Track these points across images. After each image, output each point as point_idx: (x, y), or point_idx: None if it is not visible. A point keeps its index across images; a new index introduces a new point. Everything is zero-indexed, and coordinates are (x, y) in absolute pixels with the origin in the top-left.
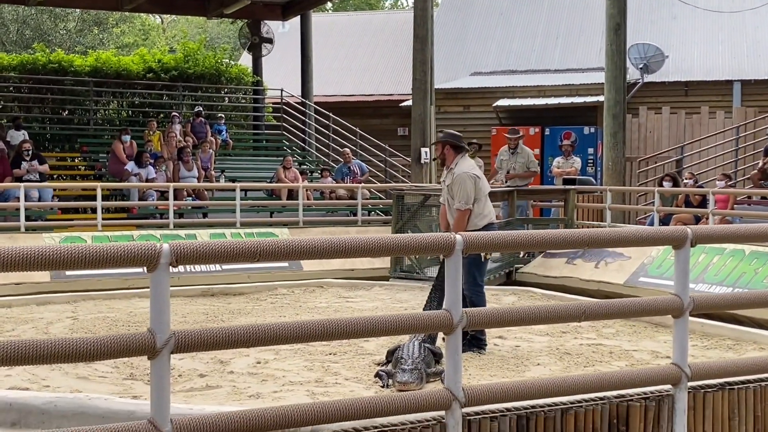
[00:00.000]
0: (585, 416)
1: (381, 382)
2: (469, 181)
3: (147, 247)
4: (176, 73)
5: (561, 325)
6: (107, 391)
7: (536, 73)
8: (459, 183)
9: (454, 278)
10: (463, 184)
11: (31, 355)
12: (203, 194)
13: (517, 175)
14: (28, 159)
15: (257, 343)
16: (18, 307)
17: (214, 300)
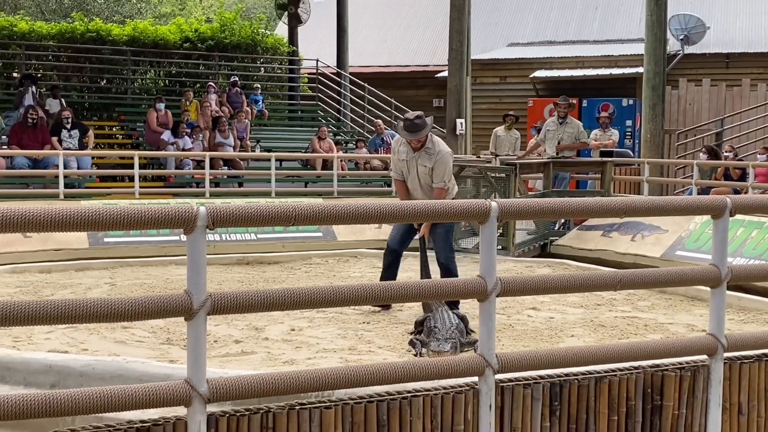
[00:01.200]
0: (619, 385)
1: (414, 350)
2: (450, 159)
3: (184, 209)
4: (212, 42)
5: (595, 297)
6: (144, 355)
7: (574, 44)
8: (444, 163)
9: (488, 244)
10: (447, 164)
11: (70, 315)
12: (239, 164)
13: (568, 146)
14: (68, 128)
15: (292, 307)
16: (57, 273)
17: (249, 268)
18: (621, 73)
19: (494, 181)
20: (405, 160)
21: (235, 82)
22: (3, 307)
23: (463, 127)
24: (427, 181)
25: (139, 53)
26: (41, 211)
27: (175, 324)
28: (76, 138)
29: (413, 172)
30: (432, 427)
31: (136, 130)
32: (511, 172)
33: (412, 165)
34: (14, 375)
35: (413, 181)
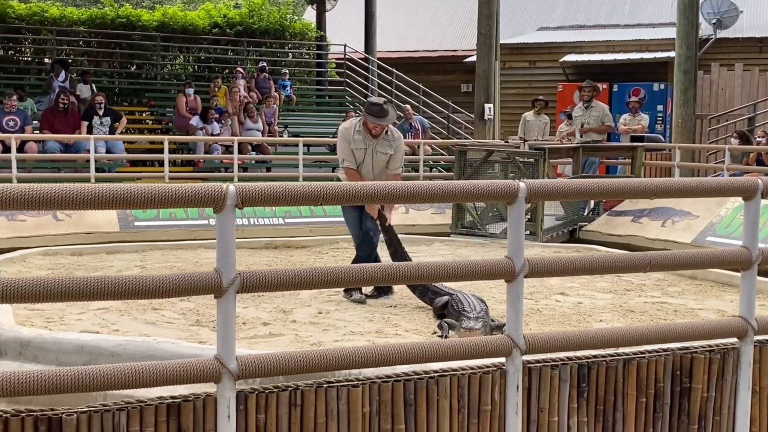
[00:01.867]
0: (648, 367)
1: (441, 332)
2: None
3: (214, 188)
4: (241, 28)
5: (625, 283)
6: (174, 336)
7: (605, 28)
8: (403, 149)
9: (516, 225)
10: (403, 149)
11: (103, 291)
12: (267, 149)
13: (592, 129)
14: (100, 114)
15: (320, 285)
16: (88, 256)
17: (276, 252)
18: (652, 57)
19: (522, 166)
20: (363, 148)
21: (263, 67)
22: (38, 283)
23: (492, 112)
24: (382, 167)
25: (169, 39)
26: (75, 189)
27: (204, 306)
28: (108, 125)
29: (368, 160)
30: (459, 407)
31: (166, 115)
32: (540, 157)
33: (369, 152)
34: (46, 355)
35: (367, 168)
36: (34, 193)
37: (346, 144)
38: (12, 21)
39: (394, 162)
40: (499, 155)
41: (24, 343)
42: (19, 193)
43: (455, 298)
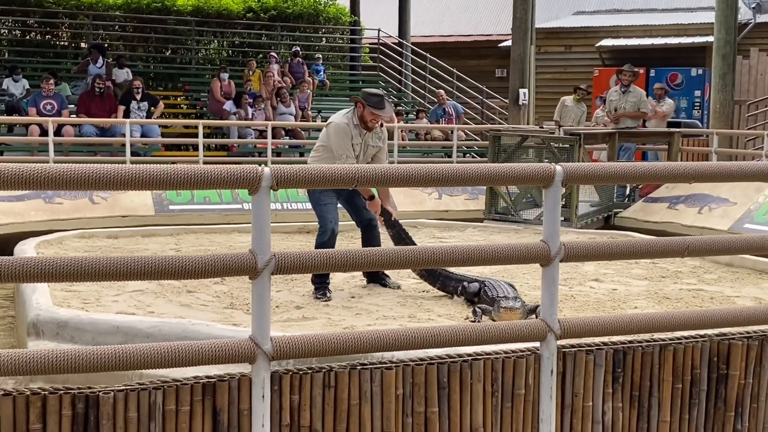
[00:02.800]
0: (684, 353)
1: (475, 318)
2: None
3: (249, 169)
4: (275, 12)
5: (660, 270)
6: (208, 318)
7: (642, 13)
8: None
9: (552, 209)
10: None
11: (141, 271)
12: (300, 133)
13: (626, 114)
14: (138, 98)
15: (355, 268)
16: (124, 239)
17: (309, 237)
18: (690, 42)
19: (557, 152)
20: (359, 142)
21: (296, 52)
22: (78, 262)
23: (526, 97)
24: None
25: (203, 23)
26: (113, 170)
27: (238, 289)
28: (145, 110)
29: (361, 154)
30: (492, 391)
31: (200, 99)
32: (575, 143)
33: (362, 146)
34: (83, 336)
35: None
36: (72, 173)
37: (347, 139)
38: (49, 5)
39: (381, 154)
40: (534, 140)
41: (61, 323)
42: (58, 173)
43: (488, 284)
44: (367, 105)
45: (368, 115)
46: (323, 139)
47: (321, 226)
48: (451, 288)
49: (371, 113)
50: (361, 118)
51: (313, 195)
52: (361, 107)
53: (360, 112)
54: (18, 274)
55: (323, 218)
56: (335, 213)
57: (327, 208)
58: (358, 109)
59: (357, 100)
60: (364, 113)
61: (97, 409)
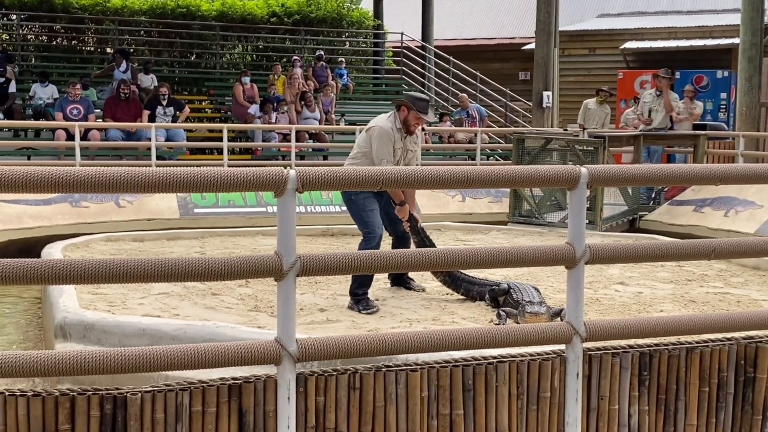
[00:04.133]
0: (711, 356)
1: (499, 321)
2: None
3: (275, 172)
4: (299, 17)
5: (686, 273)
6: (233, 320)
7: (667, 15)
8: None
9: (577, 211)
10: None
11: (167, 273)
12: (323, 137)
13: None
14: (164, 104)
15: (380, 270)
16: (150, 242)
17: (333, 240)
18: (715, 44)
19: (581, 154)
20: (401, 147)
21: (320, 56)
22: (107, 264)
23: (550, 100)
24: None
25: (228, 28)
26: (142, 173)
27: (262, 292)
28: (171, 115)
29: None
30: (518, 393)
31: (225, 104)
32: (600, 145)
33: (402, 150)
34: (110, 338)
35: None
36: (102, 177)
37: (390, 144)
38: (75, 11)
39: (418, 157)
40: (558, 143)
41: (88, 326)
42: (87, 176)
43: (513, 288)
44: (414, 109)
45: (413, 119)
46: (362, 145)
47: (368, 232)
48: (474, 292)
49: (416, 117)
50: (405, 122)
51: (356, 202)
52: (405, 111)
53: (404, 116)
54: (47, 276)
55: (370, 224)
56: (380, 219)
57: (373, 213)
58: (402, 113)
59: (401, 103)
60: (408, 117)
61: (124, 410)
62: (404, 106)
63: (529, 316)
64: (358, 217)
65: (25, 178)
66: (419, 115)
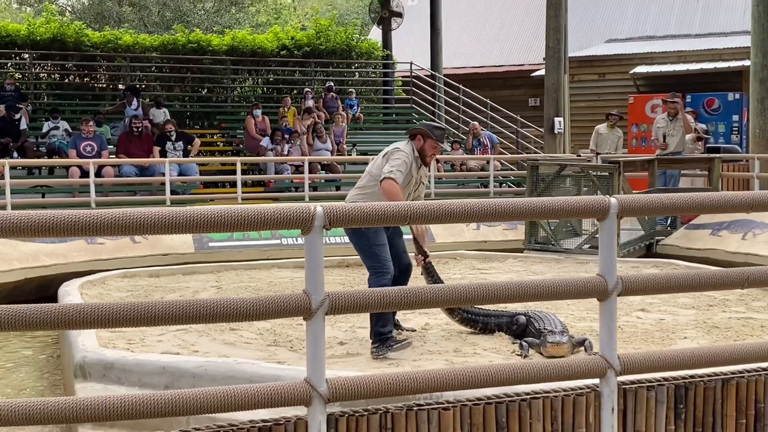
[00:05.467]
0: (747, 387)
1: (522, 352)
2: None
3: (302, 209)
4: (308, 49)
5: (707, 298)
6: (252, 356)
7: (676, 38)
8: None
9: (608, 242)
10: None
11: (195, 315)
12: (336, 168)
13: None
14: (173, 139)
15: (409, 306)
16: (165, 277)
17: (349, 271)
18: (726, 66)
19: (597, 180)
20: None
21: (330, 87)
22: (131, 308)
23: (562, 125)
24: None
25: (238, 62)
26: (167, 214)
27: (281, 326)
28: (181, 149)
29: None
30: (552, 430)
31: (237, 137)
32: (614, 171)
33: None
34: (129, 377)
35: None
36: (124, 218)
37: (407, 166)
38: (87, 49)
39: (422, 196)
40: (572, 169)
41: (108, 365)
42: (107, 219)
43: (534, 317)
44: (431, 137)
45: (429, 148)
46: (376, 174)
47: (381, 267)
48: (493, 324)
49: (433, 146)
50: (421, 151)
51: (366, 236)
52: (421, 140)
53: (420, 145)
54: (68, 322)
55: (382, 259)
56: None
57: (385, 248)
58: (417, 142)
59: (417, 132)
60: (425, 146)
61: None
62: (420, 134)
63: (550, 346)
64: (369, 252)
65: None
66: (436, 144)
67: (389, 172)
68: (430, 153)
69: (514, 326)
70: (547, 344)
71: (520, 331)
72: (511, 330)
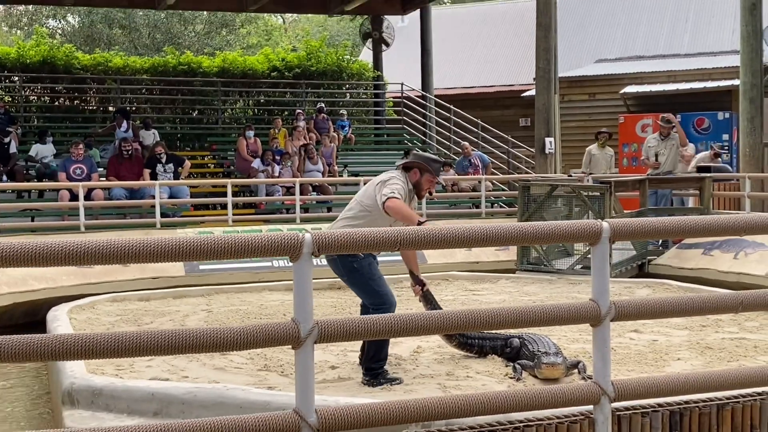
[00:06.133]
0: (743, 412)
1: (515, 374)
2: None
3: (290, 236)
4: (299, 70)
5: (700, 318)
6: (243, 381)
7: (665, 58)
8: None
9: (600, 267)
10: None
11: (182, 345)
12: (327, 189)
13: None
14: (163, 162)
15: (400, 334)
16: (156, 301)
17: (340, 293)
18: (715, 86)
19: (588, 200)
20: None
21: (321, 108)
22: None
23: (553, 146)
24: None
25: (229, 83)
26: (156, 243)
27: (272, 350)
28: (171, 172)
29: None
30: None
31: (228, 158)
32: (605, 191)
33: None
34: (118, 403)
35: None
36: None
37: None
38: (77, 71)
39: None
40: (564, 189)
41: (96, 391)
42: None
43: (527, 339)
44: (429, 171)
45: (426, 182)
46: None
47: (383, 303)
48: (488, 347)
49: (429, 180)
50: (417, 185)
51: (360, 271)
52: (418, 173)
53: (416, 179)
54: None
55: (383, 293)
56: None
57: (382, 281)
58: (413, 175)
59: (413, 165)
60: (421, 180)
61: None
62: (417, 168)
63: (545, 367)
64: (366, 288)
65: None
66: (433, 177)
67: (390, 192)
68: (426, 187)
69: (507, 349)
70: (542, 365)
71: (513, 353)
72: (505, 353)
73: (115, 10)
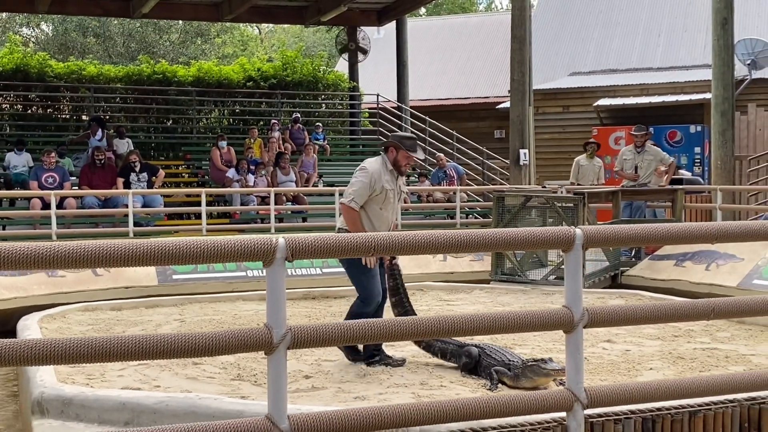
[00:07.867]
0: (714, 420)
1: (490, 384)
2: None
3: (263, 241)
4: (275, 81)
5: (672, 328)
6: (216, 391)
7: (638, 72)
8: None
9: (573, 274)
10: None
11: (153, 350)
12: (302, 199)
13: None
14: (137, 170)
15: (373, 339)
16: (128, 310)
17: (315, 303)
18: (687, 99)
19: (562, 211)
20: (392, 188)
21: (297, 118)
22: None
23: (527, 157)
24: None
25: (204, 93)
26: (126, 246)
27: (245, 359)
28: (145, 181)
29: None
30: None
31: (202, 168)
32: (579, 202)
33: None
34: (89, 413)
35: (391, 208)
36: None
37: (371, 184)
38: (51, 79)
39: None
40: (538, 200)
41: (66, 401)
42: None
43: (487, 353)
44: (402, 148)
45: (402, 158)
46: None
47: (365, 297)
48: (449, 353)
49: (405, 156)
50: (395, 162)
51: (355, 264)
52: (394, 152)
53: (393, 157)
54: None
55: (368, 289)
56: (380, 286)
57: (374, 280)
58: (390, 154)
59: (388, 144)
60: (398, 157)
61: None
62: (392, 146)
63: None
64: (357, 280)
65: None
66: (408, 153)
67: (349, 201)
68: (404, 163)
69: (465, 358)
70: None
71: (473, 362)
72: (462, 360)
73: (89, 19)
